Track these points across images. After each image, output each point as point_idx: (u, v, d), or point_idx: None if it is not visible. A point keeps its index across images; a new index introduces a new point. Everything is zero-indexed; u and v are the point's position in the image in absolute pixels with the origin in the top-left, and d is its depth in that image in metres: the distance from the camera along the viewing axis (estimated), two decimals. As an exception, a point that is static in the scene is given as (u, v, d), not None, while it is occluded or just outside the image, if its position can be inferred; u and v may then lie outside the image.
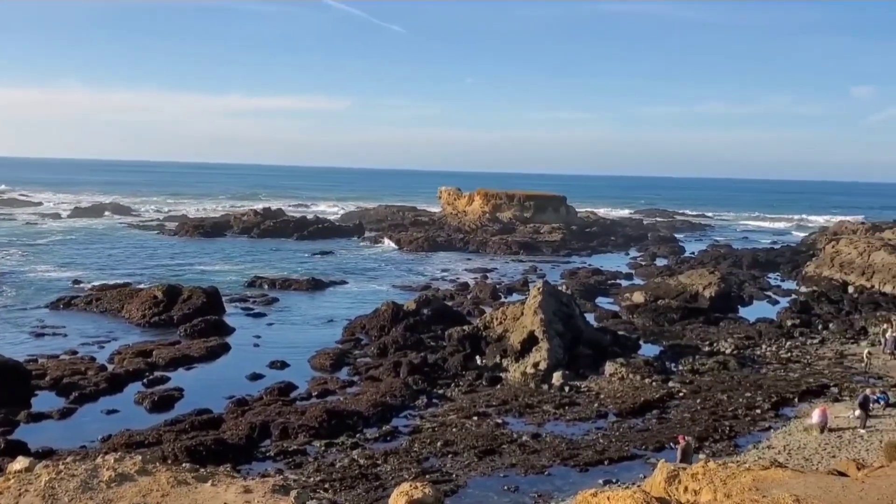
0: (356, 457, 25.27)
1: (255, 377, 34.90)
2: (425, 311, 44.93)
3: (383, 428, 28.34)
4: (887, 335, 41.00)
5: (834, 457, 24.45)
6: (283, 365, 37.00)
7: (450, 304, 51.20)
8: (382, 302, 46.22)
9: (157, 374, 34.86)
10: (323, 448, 26.14)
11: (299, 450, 25.93)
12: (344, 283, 63.15)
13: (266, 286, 58.95)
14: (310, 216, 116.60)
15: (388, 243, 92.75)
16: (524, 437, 27.43)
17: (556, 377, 34.63)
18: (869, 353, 38.53)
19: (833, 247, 74.22)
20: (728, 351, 41.06)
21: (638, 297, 55.09)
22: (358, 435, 27.49)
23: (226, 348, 40.26)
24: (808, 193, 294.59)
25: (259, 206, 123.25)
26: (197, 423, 27.78)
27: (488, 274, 69.85)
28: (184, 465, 21.92)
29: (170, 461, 21.86)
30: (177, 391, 32.27)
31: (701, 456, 23.06)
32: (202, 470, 21.83)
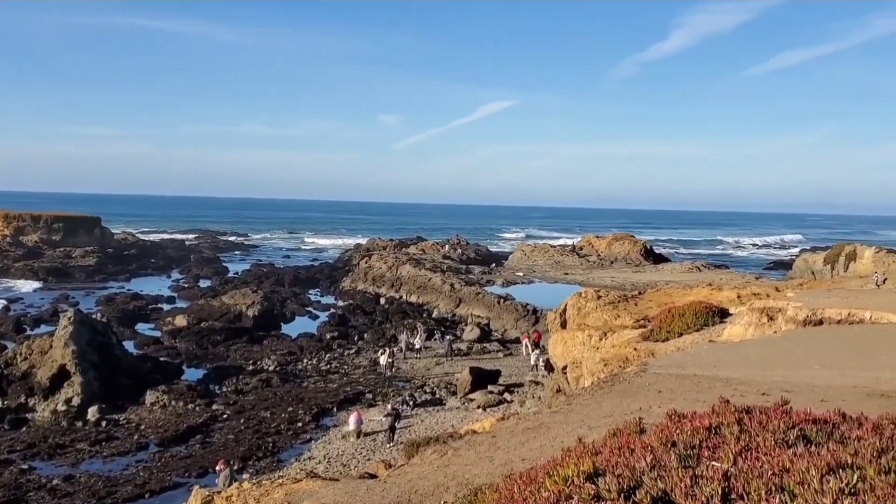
0: None
1: None
2: (-72, 351, 38.61)
3: None
4: (418, 338, 45.30)
5: (369, 459, 26.24)
6: None
7: (-39, 341, 44.72)
8: None
9: None
10: None
11: None
12: None
13: None
14: None
15: None
16: (55, 481, 25.10)
17: (92, 412, 32.19)
18: (388, 359, 41.55)
19: (366, 262, 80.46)
20: (271, 368, 41.95)
21: (180, 321, 53.70)
22: None
23: None
24: (353, 214, 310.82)
25: None
26: None
27: (11, 305, 62.56)
28: None
29: None
30: None
31: (245, 476, 23.04)
32: None
